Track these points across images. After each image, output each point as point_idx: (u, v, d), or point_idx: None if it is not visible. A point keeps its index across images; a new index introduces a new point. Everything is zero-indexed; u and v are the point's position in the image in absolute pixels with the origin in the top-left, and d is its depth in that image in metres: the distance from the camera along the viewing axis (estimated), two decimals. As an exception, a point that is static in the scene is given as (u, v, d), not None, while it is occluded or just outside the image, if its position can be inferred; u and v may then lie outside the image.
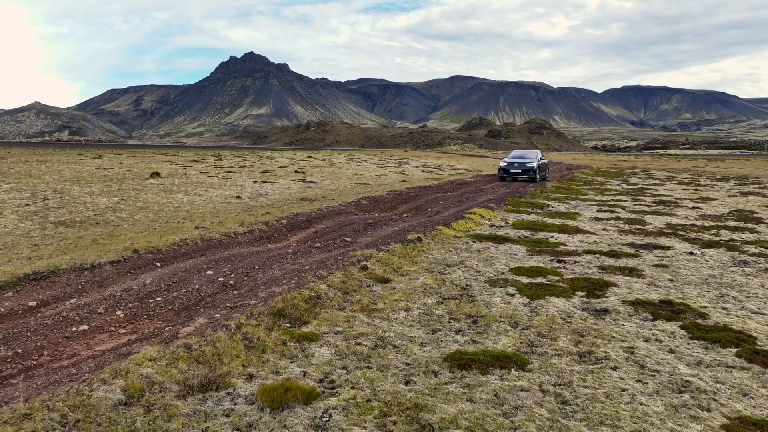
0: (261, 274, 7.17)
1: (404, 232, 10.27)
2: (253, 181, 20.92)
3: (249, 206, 13.74)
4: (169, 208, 13.15)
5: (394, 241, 9.14)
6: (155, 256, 7.91)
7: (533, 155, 25.90)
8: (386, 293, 6.35)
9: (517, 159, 24.99)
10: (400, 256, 8.08)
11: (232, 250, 8.71)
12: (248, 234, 9.98)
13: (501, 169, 24.64)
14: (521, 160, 24.63)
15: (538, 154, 26.54)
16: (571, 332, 5.21)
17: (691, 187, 23.34)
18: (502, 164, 24.78)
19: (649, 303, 6.11)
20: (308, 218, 11.78)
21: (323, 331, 5.02)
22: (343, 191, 18.01)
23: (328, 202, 14.57)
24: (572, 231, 11.04)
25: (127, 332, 5.32)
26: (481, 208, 13.54)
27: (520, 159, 24.89)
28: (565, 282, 7.02)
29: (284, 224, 10.99)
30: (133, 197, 14.86)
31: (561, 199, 16.93)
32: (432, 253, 8.52)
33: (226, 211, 12.69)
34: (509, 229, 11.26)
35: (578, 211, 14.33)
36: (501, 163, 25.18)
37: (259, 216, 11.66)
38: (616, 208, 15.01)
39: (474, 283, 6.92)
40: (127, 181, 19.57)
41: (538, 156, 25.84)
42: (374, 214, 13.23)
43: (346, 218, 12.17)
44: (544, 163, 26.25)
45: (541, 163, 25.42)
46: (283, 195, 16.47)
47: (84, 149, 74.37)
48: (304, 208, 13.04)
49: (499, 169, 24.81)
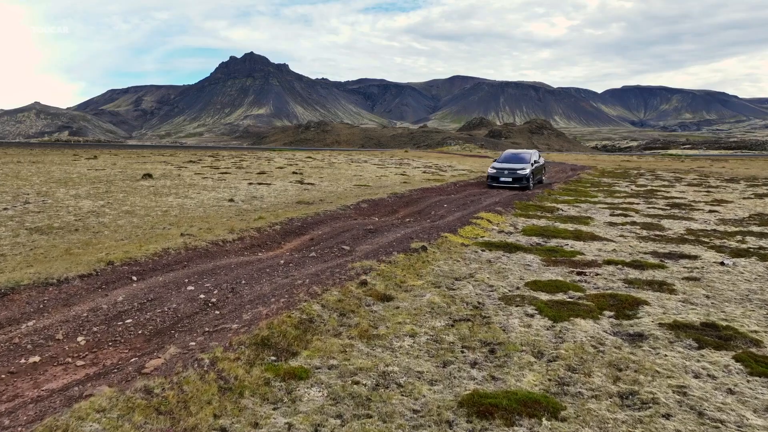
0: (248, 290, 6.39)
1: (407, 239, 9.49)
2: (249, 182, 20.14)
3: (242, 210, 12.97)
4: (157, 212, 12.38)
5: (396, 250, 8.37)
6: (132, 269, 7.13)
7: (528, 157, 22.56)
8: (388, 314, 5.57)
9: (508, 164, 21.76)
10: (404, 268, 7.30)
11: (218, 260, 7.94)
12: (238, 242, 9.21)
13: (489, 177, 21.57)
14: (512, 165, 21.47)
15: (534, 155, 23.32)
16: (607, 365, 4.43)
17: (703, 188, 22.56)
18: (491, 171, 21.63)
19: (690, 326, 5.33)
20: (304, 224, 11.00)
21: (315, 366, 4.25)
22: (341, 194, 17.24)
23: (326, 205, 13.79)
24: (588, 238, 10.27)
25: (86, 364, 4.54)
26: (488, 213, 12.77)
27: (511, 164, 21.70)
28: (589, 299, 6.24)
29: (278, 230, 10.21)
30: (120, 200, 14.09)
31: (570, 202, 16.15)
32: (438, 265, 7.74)
33: (216, 216, 11.91)
34: (520, 235, 10.48)
35: (590, 215, 13.55)
36: (489, 169, 22.01)
37: (251, 221, 10.88)
38: (630, 212, 14.23)
39: (487, 301, 6.14)
40: (116, 182, 18.79)
41: (534, 158, 22.76)
42: (374, 219, 12.46)
43: (345, 223, 11.39)
44: (539, 166, 23.39)
45: (537, 167, 22.56)
46: (278, 198, 15.70)
47: (81, 149, 73.63)
48: (300, 212, 12.26)
49: (488, 177, 21.74)
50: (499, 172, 21.22)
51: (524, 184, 20.52)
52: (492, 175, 21.38)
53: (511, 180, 20.69)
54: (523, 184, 20.51)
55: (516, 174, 20.71)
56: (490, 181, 21.39)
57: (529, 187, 20.46)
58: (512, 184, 20.63)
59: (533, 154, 23.44)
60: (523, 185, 20.49)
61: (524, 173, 20.66)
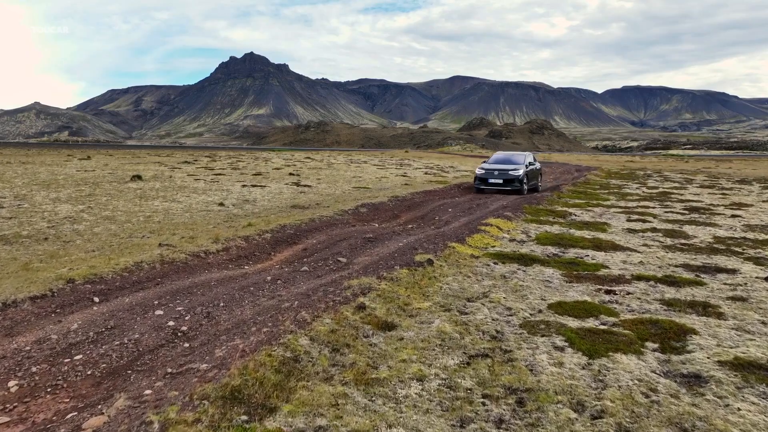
0: (226, 316, 5.47)
1: (410, 249, 8.57)
2: (242, 185, 19.22)
3: (231, 216, 12.05)
4: (139, 218, 11.45)
5: (398, 264, 7.44)
6: (95, 288, 6.21)
7: (521, 159, 20.04)
8: (391, 348, 4.65)
9: (498, 165, 19.45)
10: (408, 287, 6.38)
11: (197, 276, 7.01)
12: (222, 253, 8.28)
13: (477, 179, 19.04)
14: (503, 166, 19.14)
15: (528, 157, 20.58)
16: (667, 423, 3.51)
17: (717, 190, 21.64)
18: (479, 172, 19.14)
19: (757, 365, 4.41)
20: (297, 231, 10.08)
21: (297, 429, 3.32)
22: (339, 197, 16.32)
23: (322, 210, 12.87)
24: (609, 247, 9.34)
25: (10, 421, 3.62)
26: (496, 218, 11.85)
27: (502, 165, 19.39)
28: (626, 326, 5.32)
29: (268, 239, 9.29)
30: (102, 204, 13.17)
31: (582, 206, 15.23)
32: (447, 281, 6.81)
33: (203, 222, 10.99)
34: (534, 244, 9.56)
35: (606, 221, 12.63)
36: (477, 170, 19.46)
37: (239, 229, 9.96)
38: (647, 217, 13.32)
39: (507, 329, 5.22)
40: (103, 185, 17.87)
41: (528, 160, 20.11)
42: (374, 225, 11.54)
43: (342, 231, 10.47)
44: (535, 169, 20.51)
45: (531, 170, 19.88)
46: (272, 201, 14.77)
47: (78, 149, 72.72)
48: (293, 218, 11.34)
49: (475, 179, 19.17)
50: (488, 173, 18.85)
51: (517, 186, 18.29)
52: (480, 176, 18.98)
53: (501, 182, 18.41)
54: (515, 187, 18.28)
55: (507, 175, 18.47)
56: (477, 184, 18.96)
57: (522, 191, 18.30)
58: (503, 187, 18.39)
59: (527, 156, 20.69)
60: (516, 188, 18.29)
61: (517, 174, 18.44)
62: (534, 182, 20.40)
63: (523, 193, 18.29)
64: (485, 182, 18.69)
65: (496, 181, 18.47)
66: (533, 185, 20.23)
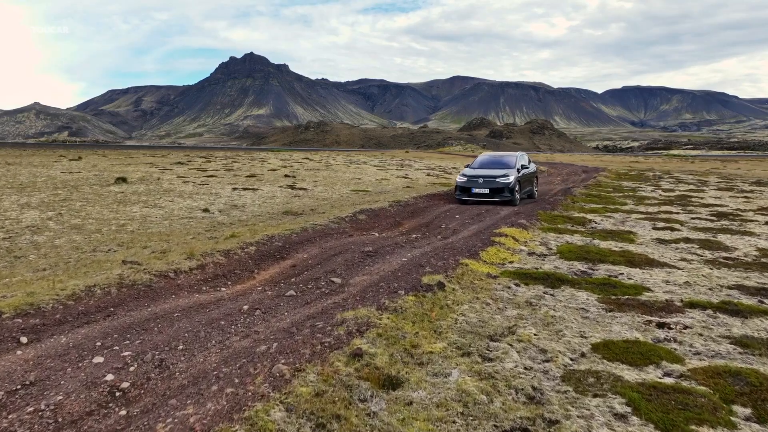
0: (183, 365, 4.26)
1: (416, 266, 7.37)
2: (233, 188, 18.01)
3: (215, 224, 10.84)
4: (111, 226, 10.25)
5: (403, 287, 6.23)
6: (27, 323, 5.00)
7: (511, 161, 16.42)
8: (396, 420, 3.44)
9: (484, 170, 15.85)
10: (415, 320, 5.17)
11: (160, 303, 5.81)
12: (196, 271, 7.07)
13: (458, 188, 15.54)
14: (490, 171, 15.59)
15: (520, 158, 16.87)
16: None
17: (737, 193, 20.44)
18: (460, 180, 15.67)
19: None
20: (286, 243, 8.87)
21: None
22: (336, 201, 15.11)
23: (317, 216, 11.67)
24: (643, 263, 8.14)
25: None
26: (510, 227, 10.64)
27: (488, 170, 15.80)
28: (699, 379, 4.12)
29: (251, 253, 8.08)
30: (75, 211, 11.97)
31: (600, 212, 14.03)
32: (462, 311, 5.60)
33: (181, 232, 9.79)
34: (557, 259, 8.35)
35: (630, 229, 11.43)
36: (459, 177, 15.91)
37: (220, 240, 8.76)
38: (674, 224, 12.11)
39: (546, 384, 4.02)
40: (83, 188, 16.66)
41: (520, 162, 16.48)
42: (374, 235, 10.34)
43: (337, 242, 9.26)
44: (529, 173, 17.06)
45: (525, 174, 16.35)
46: (263, 207, 13.56)
47: (74, 150, 71.53)
48: (283, 227, 10.13)
49: (456, 188, 15.67)
50: (471, 180, 15.31)
51: (506, 197, 14.81)
52: (461, 185, 15.41)
53: (487, 191, 14.93)
54: (504, 197, 14.83)
55: (495, 183, 14.94)
56: (459, 194, 15.43)
57: (514, 202, 14.96)
58: (490, 198, 14.97)
59: (519, 157, 16.95)
60: (506, 198, 14.83)
61: (506, 181, 14.88)
62: (528, 188, 17.01)
63: (516, 204, 14.97)
64: (468, 192, 15.27)
65: (481, 191, 15.03)
66: (528, 192, 16.95)
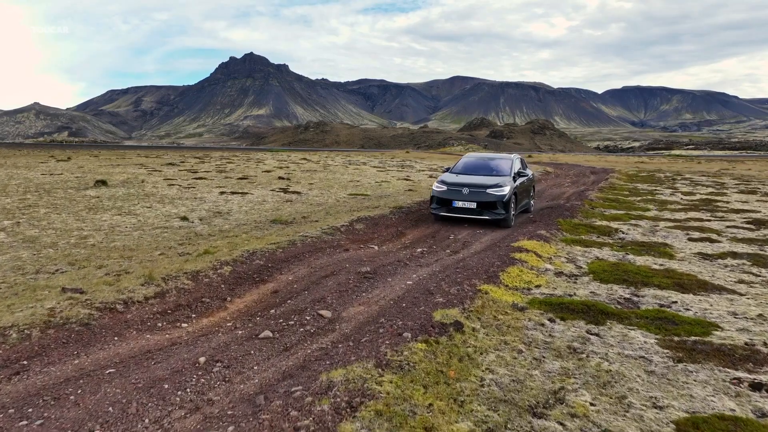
0: (91, 468, 2.91)
1: (424, 293, 6.03)
2: (221, 192, 16.65)
3: (191, 235, 9.49)
4: (70, 239, 8.90)
5: (410, 328, 4.89)
6: None
7: (504, 166, 12.37)
8: None
9: (469, 177, 11.85)
10: (428, 382, 3.82)
11: (93, 352, 4.46)
12: (154, 301, 5.73)
13: (435, 200, 11.50)
14: (478, 179, 11.63)
15: (515, 161, 12.78)
16: None
17: (763, 196, 19.09)
18: (438, 188, 11.56)
19: None
20: (269, 261, 7.52)
21: None
22: (332, 207, 13.76)
23: (309, 226, 10.32)
24: (695, 286, 6.79)
25: None
26: (528, 239, 9.29)
27: (475, 177, 11.83)
28: None
29: (226, 275, 6.73)
30: (37, 219, 10.62)
31: (623, 219, 12.68)
32: (489, 364, 4.25)
33: (149, 247, 8.44)
34: (590, 281, 7.00)
35: (663, 240, 10.09)
36: (436, 186, 11.70)
37: (192, 257, 7.41)
38: (710, 234, 10.77)
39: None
40: (56, 192, 15.30)
41: (516, 166, 12.47)
42: (373, 248, 8.99)
43: (330, 259, 7.91)
44: (526, 181, 12.91)
45: (522, 183, 12.36)
46: (249, 214, 12.22)
47: (69, 150, 70.24)
48: (269, 238, 8.79)
49: (432, 199, 11.60)
50: (452, 190, 11.31)
51: (499, 214, 10.89)
52: (439, 195, 11.39)
53: (474, 206, 10.96)
54: (496, 216, 10.90)
55: (485, 195, 10.95)
56: (435, 207, 11.49)
57: (508, 221, 11.08)
58: (477, 215, 10.99)
59: (514, 160, 12.78)
60: (498, 216, 10.90)
61: (500, 194, 10.91)
62: (526, 201, 12.95)
63: (510, 224, 11.14)
64: (447, 206, 11.26)
65: (465, 205, 11.04)
66: (525, 206, 12.89)
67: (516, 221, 11.88)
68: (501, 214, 10.92)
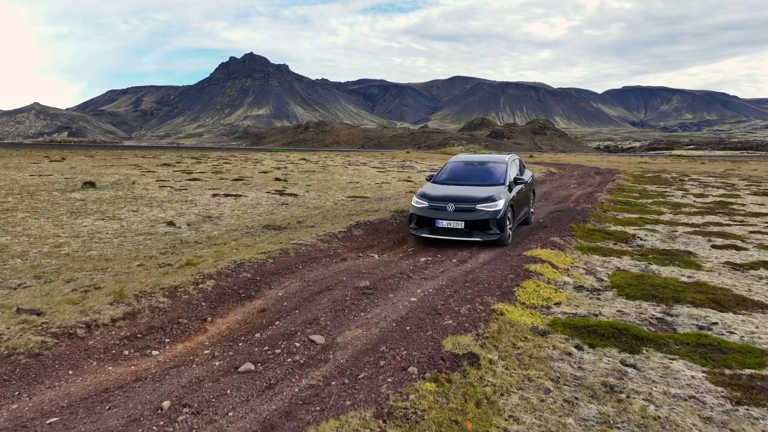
0: None
1: (431, 314, 5.31)
2: (214, 194, 15.93)
3: (176, 243, 8.78)
4: (44, 247, 8.18)
5: (416, 360, 4.17)
6: None
7: (500, 171, 10.31)
8: None
9: (457, 189, 9.72)
10: (439, 437, 3.10)
11: (38, 393, 3.75)
12: (123, 323, 5.02)
13: (415, 218, 9.31)
14: (467, 191, 9.50)
15: (511, 165, 10.73)
16: None
17: (777, 199, 18.36)
18: (419, 204, 9.35)
19: None
20: (258, 273, 6.80)
21: None
22: (330, 211, 13.05)
23: (303, 232, 9.60)
24: (732, 302, 6.07)
25: None
26: (541, 247, 8.56)
27: (465, 189, 9.73)
28: None
29: (208, 291, 6.01)
30: (12, 225, 9.90)
31: (638, 223, 11.96)
32: (512, 409, 3.53)
33: (129, 256, 7.72)
34: (615, 297, 6.28)
35: (685, 247, 9.37)
36: (415, 200, 9.49)
37: (172, 269, 6.69)
38: (733, 240, 10.05)
39: None
40: (40, 194, 14.59)
41: (512, 172, 10.43)
42: (373, 258, 8.27)
43: (326, 271, 7.19)
44: (525, 188, 10.96)
45: (520, 191, 10.40)
46: (241, 219, 11.50)
47: (67, 150, 69.51)
48: (259, 247, 8.07)
49: (411, 217, 9.43)
50: (434, 207, 9.12)
51: (493, 234, 8.88)
52: (420, 213, 9.20)
53: (462, 226, 8.86)
54: (490, 236, 8.87)
55: (475, 213, 8.86)
56: (414, 228, 9.30)
57: (504, 240, 9.10)
58: (466, 236, 8.91)
59: (510, 163, 10.67)
60: (491, 237, 8.89)
61: (493, 210, 8.86)
62: (525, 211, 11.00)
63: (507, 243, 9.17)
64: (429, 225, 9.08)
65: (451, 225, 8.89)
66: (524, 216, 10.98)
67: (524, 228, 11.13)
68: (495, 234, 8.87)
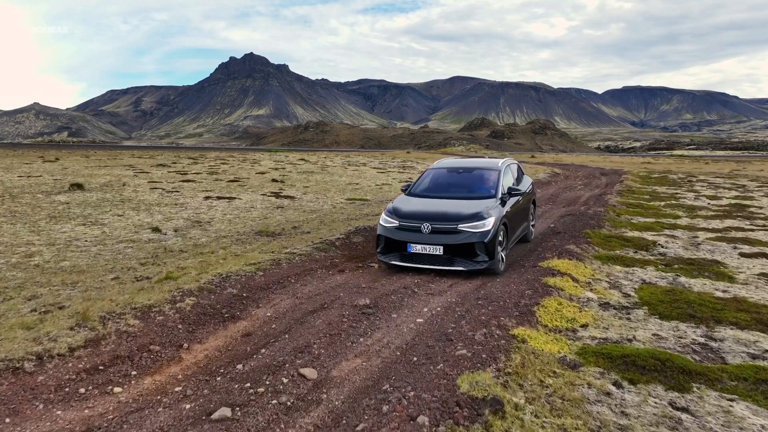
0: None
1: (441, 341, 4.60)
2: (207, 196, 15.22)
3: (159, 252, 8.06)
4: (13, 257, 7.48)
5: (426, 404, 3.45)
6: None
7: (492, 180, 8.21)
8: None
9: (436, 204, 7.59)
10: None
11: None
12: (83, 352, 4.30)
13: (383, 240, 7.25)
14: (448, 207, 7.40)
15: (503, 172, 8.41)
16: None
17: (794, 201, 17.64)
18: (387, 223, 7.32)
19: None
20: (245, 288, 6.08)
21: None
22: (327, 215, 12.34)
23: (298, 239, 8.89)
24: (781, 323, 5.35)
25: None
26: (558, 257, 7.84)
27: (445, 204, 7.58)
28: None
29: (186, 311, 5.29)
30: (-16, 231, 9.19)
31: (655, 228, 11.25)
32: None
33: (104, 268, 7.01)
34: (647, 316, 5.56)
35: (711, 256, 8.65)
36: (384, 217, 7.48)
37: (149, 285, 5.98)
38: (761, 248, 9.35)
39: None
40: (23, 197, 13.88)
41: (506, 181, 8.37)
42: (373, 268, 7.55)
43: (321, 286, 6.48)
44: (522, 198, 8.76)
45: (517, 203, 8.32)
46: (233, 224, 10.78)
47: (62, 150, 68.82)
48: (249, 257, 7.36)
49: (378, 240, 7.34)
50: (405, 228, 7.17)
51: (480, 262, 6.87)
52: (388, 235, 7.25)
53: (441, 251, 6.90)
54: (476, 264, 6.88)
55: (456, 236, 6.93)
56: (382, 252, 7.33)
57: (495, 268, 7.05)
58: (445, 264, 6.96)
59: (503, 170, 8.57)
60: (478, 265, 6.87)
61: (480, 231, 6.89)
62: (524, 226, 9.10)
63: (498, 270, 7.17)
64: (401, 249, 7.17)
65: (426, 251, 7.00)
66: (522, 233, 9.03)
67: (534, 235, 10.27)
68: (482, 261, 6.85)
